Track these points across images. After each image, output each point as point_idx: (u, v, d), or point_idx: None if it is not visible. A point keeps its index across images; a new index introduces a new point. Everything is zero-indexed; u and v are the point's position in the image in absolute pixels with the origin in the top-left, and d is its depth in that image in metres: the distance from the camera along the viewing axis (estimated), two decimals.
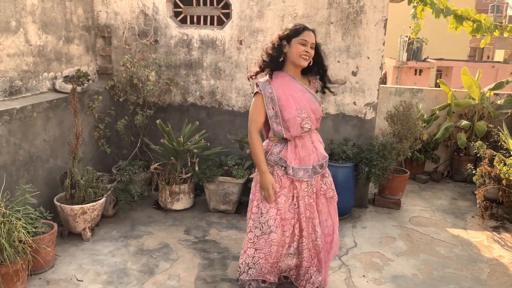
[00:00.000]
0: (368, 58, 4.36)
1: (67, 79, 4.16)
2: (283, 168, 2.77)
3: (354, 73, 4.42)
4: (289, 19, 4.38)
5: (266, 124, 2.82)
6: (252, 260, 2.92)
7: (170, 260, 3.48)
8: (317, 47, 2.73)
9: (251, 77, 2.83)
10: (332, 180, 3.02)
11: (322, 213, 2.94)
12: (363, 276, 3.37)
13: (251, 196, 2.93)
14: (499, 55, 26.07)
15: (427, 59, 19.79)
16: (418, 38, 18.93)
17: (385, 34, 4.31)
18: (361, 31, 4.32)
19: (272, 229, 2.81)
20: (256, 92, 2.74)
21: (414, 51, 18.74)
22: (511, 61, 21.21)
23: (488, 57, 30.24)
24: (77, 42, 4.37)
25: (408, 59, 18.22)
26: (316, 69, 2.82)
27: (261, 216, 2.82)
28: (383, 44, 4.32)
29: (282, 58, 2.70)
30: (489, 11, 33.62)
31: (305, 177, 2.78)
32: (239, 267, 3.00)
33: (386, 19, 4.28)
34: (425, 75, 19.32)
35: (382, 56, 4.35)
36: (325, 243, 2.99)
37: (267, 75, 2.72)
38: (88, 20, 4.55)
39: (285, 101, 2.68)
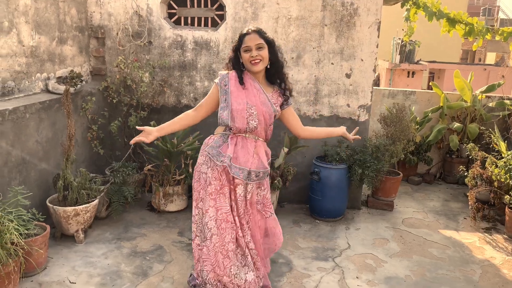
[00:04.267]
0: (362, 60, 4.38)
1: (60, 80, 4.14)
2: (221, 162, 2.66)
3: (348, 75, 4.44)
4: (283, 21, 4.39)
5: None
6: (202, 274, 2.77)
7: (164, 262, 3.46)
8: (270, 45, 2.66)
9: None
10: (268, 197, 2.89)
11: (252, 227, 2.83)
12: (357, 277, 3.38)
13: (193, 195, 2.83)
14: (491, 57, 26.30)
15: (420, 62, 19.92)
16: (411, 40, 19.03)
17: (378, 37, 4.33)
18: (355, 34, 4.34)
19: (213, 232, 2.67)
20: (215, 83, 2.76)
21: (407, 54, 18.87)
22: (502, 63, 21.40)
23: (480, 59, 30.51)
24: (70, 43, 4.35)
25: (401, 62, 18.34)
26: (273, 74, 2.76)
27: (203, 217, 2.71)
28: (377, 47, 4.35)
29: (243, 68, 2.72)
30: (481, 14, 33.89)
31: (240, 176, 2.66)
32: (196, 280, 2.89)
33: (380, 22, 4.30)
34: (418, 77, 19.44)
35: (376, 58, 4.38)
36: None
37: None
38: (81, 21, 4.53)
39: (237, 93, 2.67)
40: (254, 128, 2.69)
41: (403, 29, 9.82)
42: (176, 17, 4.67)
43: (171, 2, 4.62)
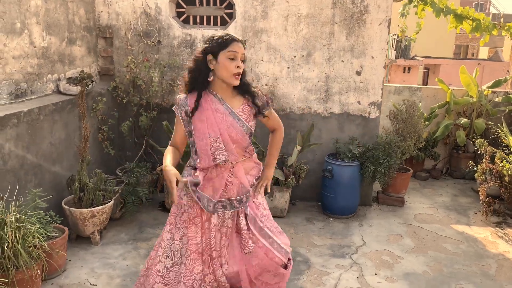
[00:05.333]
0: (372, 57, 4.39)
1: (70, 80, 4.10)
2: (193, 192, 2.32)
3: (358, 73, 4.45)
4: (293, 19, 4.39)
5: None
6: None
7: None
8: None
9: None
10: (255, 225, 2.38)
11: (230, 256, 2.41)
12: (375, 274, 3.40)
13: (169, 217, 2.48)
14: (483, 52, 26.53)
15: (415, 57, 20.03)
16: (407, 36, 19.13)
17: (388, 34, 4.34)
18: (365, 31, 4.35)
19: (183, 260, 2.34)
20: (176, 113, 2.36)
21: (402, 49, 18.95)
22: (497, 58, 21.57)
23: (473, 54, 30.73)
24: (79, 43, 4.32)
25: (397, 57, 18.42)
26: (241, 85, 2.31)
27: (173, 243, 2.35)
28: (387, 44, 4.36)
29: (211, 77, 2.24)
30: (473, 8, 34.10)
31: (206, 208, 2.29)
32: None
33: (390, 19, 4.32)
34: (414, 73, 19.55)
35: (386, 55, 4.39)
36: None
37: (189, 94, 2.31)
38: (89, 21, 4.50)
39: (198, 124, 2.27)
40: (224, 161, 2.30)
41: (398, 25, 9.87)
42: (185, 16, 4.65)
43: (180, 1, 4.60)
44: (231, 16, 4.54)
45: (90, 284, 3.11)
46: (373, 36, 4.35)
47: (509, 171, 4.21)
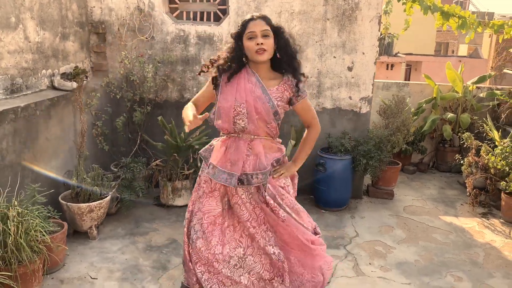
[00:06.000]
0: (363, 53, 4.49)
1: (64, 76, 4.09)
2: (206, 172, 2.45)
3: (349, 68, 4.55)
4: (286, 16, 4.45)
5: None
6: (202, 277, 2.46)
7: (181, 255, 3.47)
8: (278, 32, 2.35)
9: (206, 68, 2.49)
10: (285, 196, 2.47)
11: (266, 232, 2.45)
12: (369, 263, 3.50)
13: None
14: (463, 49, 27.06)
15: (398, 54, 20.33)
16: (390, 33, 19.36)
17: (379, 30, 4.45)
18: (356, 27, 4.44)
19: (199, 235, 2.43)
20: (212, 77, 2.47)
21: (385, 46, 19.20)
22: (476, 55, 22.04)
23: (453, 51, 31.29)
24: (72, 38, 4.30)
25: (380, 54, 18.66)
26: (285, 62, 2.39)
27: (192, 221, 2.49)
28: (378, 40, 4.46)
29: (245, 59, 2.40)
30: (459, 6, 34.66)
31: (226, 183, 2.36)
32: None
33: (381, 16, 4.42)
34: (397, 70, 19.84)
35: (377, 51, 4.49)
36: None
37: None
38: (82, 16, 4.48)
39: (227, 87, 2.39)
40: (243, 128, 2.39)
41: (382, 22, 10.03)
42: (178, 11, 4.67)
43: None
44: (225, 12, 4.58)
45: (91, 277, 3.14)
46: (364, 32, 4.45)
47: (494, 164, 4.36)
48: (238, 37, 2.36)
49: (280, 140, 2.58)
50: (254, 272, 2.43)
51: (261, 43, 2.28)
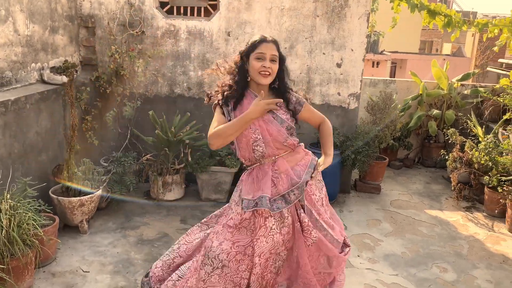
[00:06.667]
0: (352, 50, 4.57)
1: (54, 69, 4.07)
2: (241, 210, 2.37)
3: (338, 65, 4.61)
4: (277, 12, 4.49)
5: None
6: None
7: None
8: (282, 61, 2.38)
9: (208, 100, 2.51)
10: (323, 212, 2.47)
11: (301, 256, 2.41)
12: (358, 256, 3.58)
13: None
14: (447, 48, 27.49)
15: (384, 52, 20.55)
16: (375, 31, 19.52)
17: (368, 27, 4.52)
18: (345, 24, 4.51)
19: (225, 263, 2.33)
20: (216, 104, 2.43)
21: (371, 44, 19.37)
22: (460, 54, 22.39)
23: (437, 50, 31.74)
24: (61, 32, 4.27)
25: (366, 52, 18.80)
26: (280, 92, 2.42)
27: (211, 250, 2.35)
28: (366, 37, 4.54)
29: (248, 78, 2.38)
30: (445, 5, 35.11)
31: (268, 205, 2.29)
32: None
33: (369, 13, 4.49)
34: (382, 67, 20.07)
35: (365, 48, 4.57)
36: None
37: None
38: (71, 9, 4.45)
39: (237, 116, 2.34)
40: (262, 153, 2.38)
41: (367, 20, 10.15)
42: (168, 6, 4.67)
43: None
44: (215, 7, 4.60)
45: (83, 271, 3.15)
46: (353, 29, 4.52)
47: (478, 159, 4.48)
48: (246, 55, 2.35)
49: (302, 144, 2.55)
50: None
51: (268, 67, 2.29)
